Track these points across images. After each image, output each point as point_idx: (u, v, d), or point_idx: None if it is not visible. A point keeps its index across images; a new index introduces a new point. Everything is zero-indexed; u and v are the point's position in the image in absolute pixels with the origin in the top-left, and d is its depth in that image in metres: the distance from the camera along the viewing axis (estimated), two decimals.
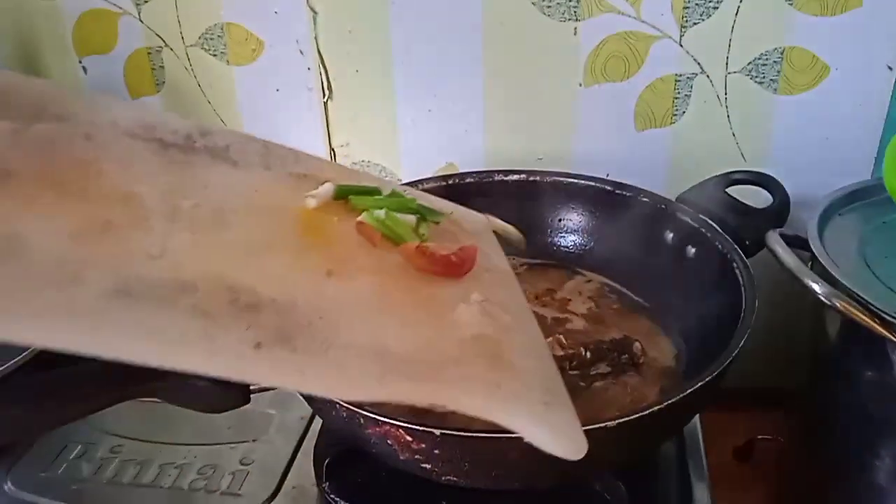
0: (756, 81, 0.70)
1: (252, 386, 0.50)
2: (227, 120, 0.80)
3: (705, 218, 0.63)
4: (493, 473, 0.46)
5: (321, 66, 0.76)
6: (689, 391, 0.46)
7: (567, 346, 0.58)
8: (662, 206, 0.66)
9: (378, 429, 0.45)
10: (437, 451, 0.45)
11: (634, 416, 0.44)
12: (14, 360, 0.59)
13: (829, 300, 0.50)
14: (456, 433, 0.43)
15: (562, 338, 0.58)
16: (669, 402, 0.45)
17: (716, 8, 0.68)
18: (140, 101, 0.80)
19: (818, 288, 0.50)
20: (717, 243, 0.61)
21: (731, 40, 0.69)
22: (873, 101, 0.70)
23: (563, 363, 0.56)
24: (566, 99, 0.73)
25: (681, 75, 0.71)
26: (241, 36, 0.76)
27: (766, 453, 0.74)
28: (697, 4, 0.68)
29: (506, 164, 0.73)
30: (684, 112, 0.73)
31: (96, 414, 0.47)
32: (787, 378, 0.66)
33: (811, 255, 0.56)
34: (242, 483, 0.56)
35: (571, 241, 0.72)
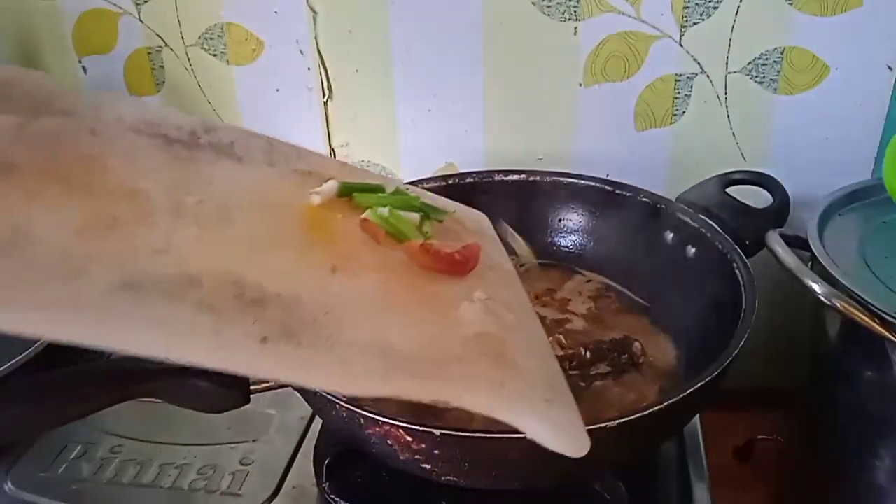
0: (756, 81, 0.70)
1: (252, 386, 0.50)
2: (226, 120, 0.80)
3: (705, 218, 0.63)
4: (493, 473, 0.46)
5: (321, 66, 0.76)
6: (690, 391, 0.46)
7: (567, 346, 0.58)
8: (662, 206, 0.66)
9: (378, 429, 0.45)
10: (436, 451, 0.45)
11: (634, 416, 0.44)
12: (14, 360, 0.59)
13: (829, 300, 0.50)
14: (456, 433, 0.43)
15: (562, 338, 0.58)
16: (669, 402, 0.45)
17: (716, 8, 0.68)
18: (143, 99, 0.80)
19: (818, 288, 0.50)
20: (717, 243, 0.61)
21: (731, 40, 0.69)
22: (873, 101, 0.70)
23: (563, 363, 0.55)
24: (566, 99, 0.73)
25: (681, 75, 0.71)
26: (241, 36, 0.76)
27: (766, 453, 0.74)
28: (697, 4, 0.68)
29: (506, 164, 0.73)
30: (684, 112, 0.73)
31: (96, 414, 0.47)
32: (787, 378, 0.66)
33: (811, 255, 0.56)
34: (242, 483, 0.56)
35: (571, 241, 0.72)
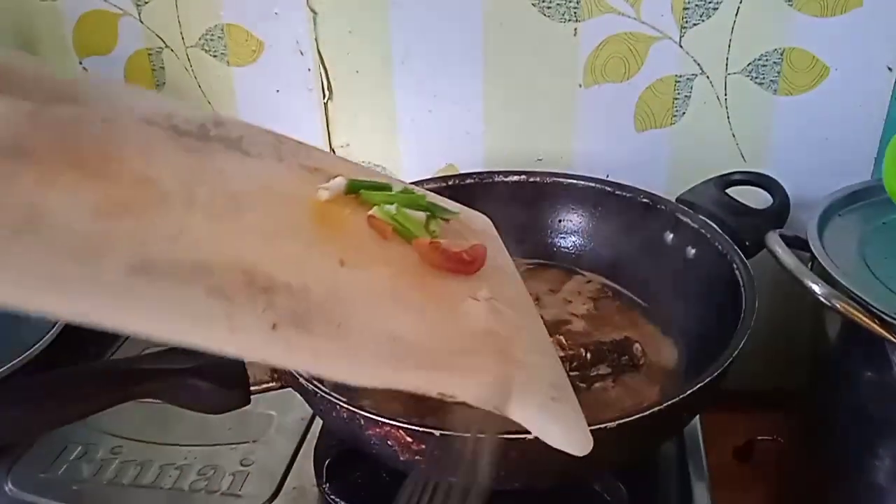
0: (756, 82, 0.70)
1: (252, 387, 0.50)
2: None
3: (705, 219, 0.63)
4: (493, 473, 0.46)
5: (321, 66, 0.76)
6: (690, 392, 0.46)
7: (567, 347, 0.58)
8: (662, 206, 0.66)
9: (378, 430, 0.45)
10: (437, 452, 0.45)
11: (634, 417, 0.44)
12: (14, 361, 0.60)
13: (829, 301, 0.50)
14: (456, 434, 0.43)
15: (562, 339, 0.58)
16: (669, 402, 0.45)
17: (716, 9, 0.68)
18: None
19: (818, 289, 0.50)
20: (716, 244, 0.61)
21: (730, 41, 0.69)
22: (873, 101, 0.70)
23: (563, 364, 0.56)
24: (566, 99, 0.73)
25: (681, 76, 0.71)
26: (242, 37, 0.76)
27: (766, 453, 0.74)
28: (697, 5, 0.68)
29: (506, 165, 0.73)
30: (684, 113, 0.73)
31: (96, 414, 0.47)
32: (787, 379, 0.66)
33: (811, 255, 0.56)
34: (243, 484, 0.56)
35: (571, 241, 0.72)
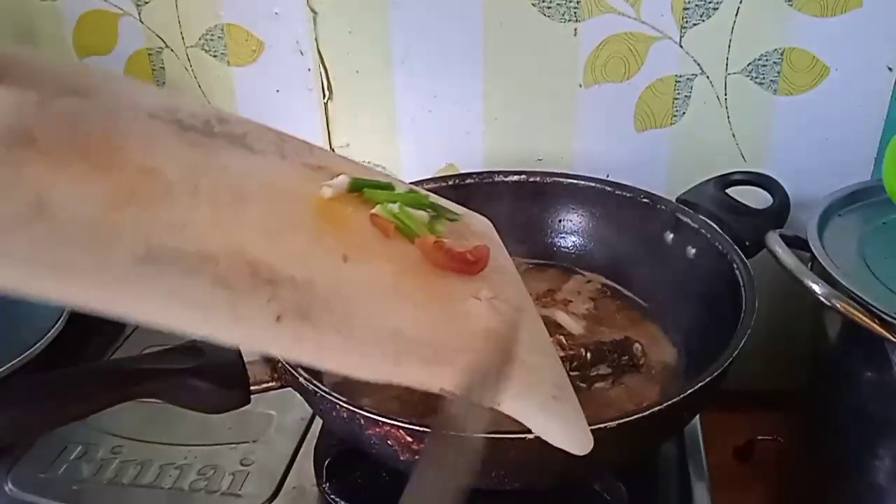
0: (756, 82, 0.70)
1: (252, 387, 0.50)
2: None
3: (705, 219, 0.63)
4: (493, 473, 0.46)
5: (321, 66, 0.76)
6: (690, 392, 0.46)
7: (567, 347, 0.58)
8: (662, 206, 0.66)
9: (378, 429, 0.45)
10: None
11: (634, 417, 0.44)
12: (14, 361, 0.60)
13: (829, 301, 0.50)
14: (455, 434, 0.43)
15: (562, 339, 0.58)
16: (669, 402, 0.45)
17: (716, 9, 0.68)
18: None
19: (818, 289, 0.50)
20: (716, 244, 0.61)
21: (730, 41, 0.69)
22: (873, 101, 0.70)
23: (563, 364, 0.56)
24: (566, 99, 0.73)
25: (681, 76, 0.71)
26: (242, 37, 0.76)
27: (766, 453, 0.74)
28: (697, 5, 0.68)
29: (506, 165, 0.73)
30: (684, 113, 0.73)
31: (96, 414, 0.47)
32: (787, 378, 0.66)
33: (811, 255, 0.56)
34: (242, 484, 0.56)
35: (571, 241, 0.72)
